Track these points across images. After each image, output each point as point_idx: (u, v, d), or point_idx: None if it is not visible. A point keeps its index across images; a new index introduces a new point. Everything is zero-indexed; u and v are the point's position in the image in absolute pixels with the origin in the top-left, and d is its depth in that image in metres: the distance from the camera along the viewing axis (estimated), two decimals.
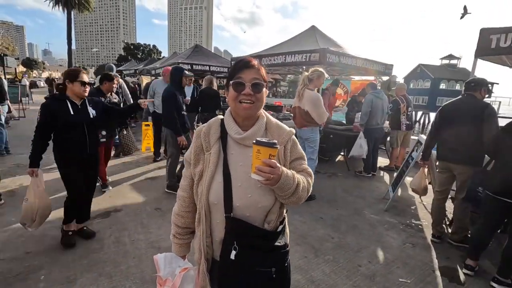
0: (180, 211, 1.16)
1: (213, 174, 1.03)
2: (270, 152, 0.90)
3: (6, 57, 12.95)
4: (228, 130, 1.08)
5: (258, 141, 0.91)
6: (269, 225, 1.04)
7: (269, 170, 0.90)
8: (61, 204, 3.46)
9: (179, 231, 1.17)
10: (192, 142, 1.12)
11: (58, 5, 32.95)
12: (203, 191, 1.02)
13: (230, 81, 1.04)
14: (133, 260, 2.48)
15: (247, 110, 1.03)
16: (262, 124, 1.09)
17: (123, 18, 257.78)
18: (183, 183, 1.15)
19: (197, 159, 1.08)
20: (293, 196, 1.02)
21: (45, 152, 2.57)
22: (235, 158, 1.05)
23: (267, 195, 1.03)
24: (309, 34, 7.06)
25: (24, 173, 4.48)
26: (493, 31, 3.30)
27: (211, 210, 1.04)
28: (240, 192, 1.01)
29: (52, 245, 2.65)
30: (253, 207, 1.02)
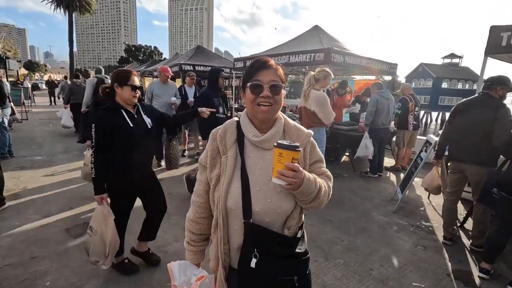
0: (195, 217, 1.12)
1: (230, 179, 0.99)
2: (293, 156, 0.87)
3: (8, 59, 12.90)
4: (245, 132, 1.04)
5: (280, 144, 0.88)
6: (289, 231, 1.01)
7: (292, 175, 0.87)
8: (64, 205, 3.43)
9: (194, 238, 1.13)
10: (208, 145, 1.08)
11: (59, 8, 33.07)
12: (221, 196, 0.98)
13: (247, 83, 1.01)
14: (140, 265, 2.43)
15: (266, 113, 1.00)
16: (280, 126, 1.06)
17: (124, 20, 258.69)
18: (198, 188, 1.11)
19: (213, 163, 1.04)
20: (315, 200, 0.99)
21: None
22: (253, 162, 1.02)
23: (287, 199, 1.00)
24: (313, 34, 7.00)
25: (27, 176, 4.45)
26: (503, 28, 3.24)
27: (228, 216, 1.00)
28: (259, 197, 0.98)
29: (57, 250, 2.61)
30: (273, 212, 0.98)
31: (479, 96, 2.82)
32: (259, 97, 0.98)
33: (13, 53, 36.35)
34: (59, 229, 2.96)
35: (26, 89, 13.03)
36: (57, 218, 3.20)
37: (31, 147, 6.31)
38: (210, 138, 1.08)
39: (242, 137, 1.05)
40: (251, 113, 1.04)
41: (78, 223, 3.10)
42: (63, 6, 32.79)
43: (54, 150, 6.14)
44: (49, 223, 3.07)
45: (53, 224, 3.07)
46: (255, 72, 1.00)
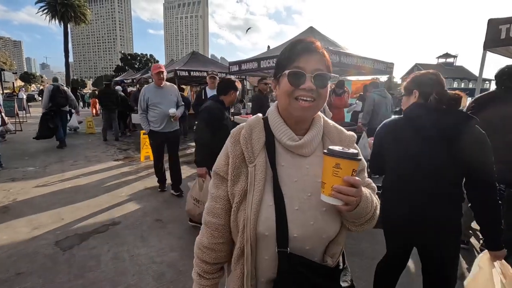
0: (211, 243, 0.86)
1: (261, 195, 0.76)
2: (353, 167, 0.69)
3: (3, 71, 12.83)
4: (277, 133, 0.82)
5: (336, 151, 0.69)
6: (333, 259, 0.81)
7: (354, 192, 0.68)
8: (56, 217, 3.29)
9: (208, 269, 0.88)
10: (227, 149, 0.83)
11: (54, 19, 33.19)
12: (249, 218, 0.75)
13: (284, 69, 0.78)
14: (132, 278, 2.30)
15: (305, 111, 0.77)
16: (320, 127, 0.85)
17: (120, 29, 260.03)
18: (215, 206, 0.85)
19: (237, 174, 0.79)
20: (369, 222, 0.81)
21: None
22: (288, 172, 0.80)
23: (334, 221, 0.79)
24: (307, 36, 6.95)
25: (18, 187, 4.32)
26: (502, 21, 3.16)
27: (258, 243, 0.77)
28: (298, 218, 0.76)
29: (46, 264, 2.47)
30: (316, 237, 0.77)
31: (500, 91, 2.51)
32: (299, 89, 0.76)
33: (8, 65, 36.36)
34: (48, 242, 2.82)
35: (21, 100, 12.91)
36: (47, 230, 3.06)
37: (23, 158, 6.17)
38: (230, 140, 0.84)
39: (272, 140, 0.82)
40: (285, 109, 0.81)
41: (69, 235, 2.96)
42: (58, 17, 32.97)
43: (48, 160, 6.00)
44: (38, 236, 2.93)
45: (43, 236, 2.93)
46: (297, 57, 0.77)
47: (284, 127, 0.81)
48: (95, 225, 3.20)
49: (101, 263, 2.50)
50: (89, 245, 2.78)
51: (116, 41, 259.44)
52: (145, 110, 3.83)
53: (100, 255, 2.61)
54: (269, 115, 0.85)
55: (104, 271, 2.39)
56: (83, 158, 6.31)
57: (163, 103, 3.81)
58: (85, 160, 6.09)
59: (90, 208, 3.63)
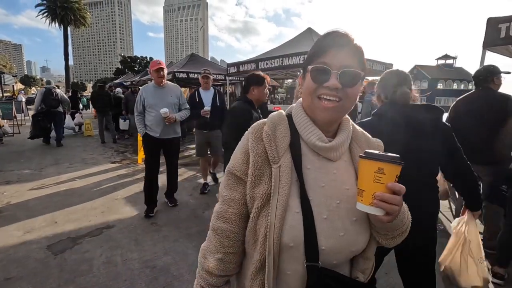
0: (219, 252, 0.76)
1: (287, 199, 0.67)
2: (396, 173, 0.62)
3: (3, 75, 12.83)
4: (304, 133, 0.74)
5: (378, 155, 0.62)
6: (364, 275, 0.75)
7: (397, 201, 0.61)
8: (49, 220, 3.23)
9: (214, 282, 0.78)
10: (247, 148, 0.74)
11: (54, 22, 33.32)
12: (273, 226, 0.66)
13: (309, 64, 0.72)
14: (124, 283, 2.23)
15: (328, 112, 0.70)
16: (349, 131, 0.77)
17: (120, 32, 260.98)
18: (227, 210, 0.76)
19: (259, 174, 0.70)
20: (402, 235, 0.75)
21: None
22: (314, 176, 0.72)
23: (364, 233, 0.72)
24: (306, 37, 6.94)
25: (12, 190, 4.26)
26: (501, 19, 3.11)
27: (281, 255, 0.68)
28: (326, 228, 0.68)
29: (36, 269, 2.40)
30: (346, 251, 0.70)
31: (478, 91, 2.64)
32: (322, 86, 0.69)
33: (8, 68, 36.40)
34: (40, 246, 2.75)
35: (19, 103, 12.88)
36: (40, 234, 3.00)
37: (19, 160, 6.11)
38: (251, 137, 0.74)
39: (297, 139, 0.74)
40: (309, 108, 0.74)
41: (62, 239, 2.90)
42: (58, 20, 33.10)
43: (44, 163, 5.95)
44: (30, 240, 2.87)
45: (35, 240, 2.87)
46: (324, 51, 0.70)
47: (313, 126, 0.73)
48: (89, 228, 3.14)
49: (93, 267, 2.43)
50: (82, 248, 2.72)
51: (116, 44, 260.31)
52: (142, 113, 3.39)
53: (92, 259, 2.55)
54: (294, 113, 0.77)
55: (95, 275, 2.32)
56: (80, 160, 6.26)
57: (160, 105, 3.28)
58: (82, 163, 6.04)
59: (85, 211, 3.57)
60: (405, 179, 0.73)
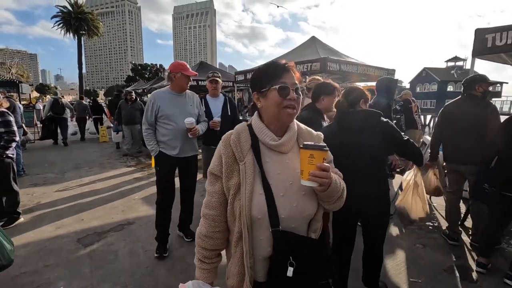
0: (209, 231, 1.03)
1: (252, 186, 0.95)
2: (323, 156, 0.88)
3: (21, 84, 13.54)
4: (261, 136, 1.01)
5: (310, 145, 0.89)
6: (315, 234, 1.01)
7: (325, 175, 0.87)
8: (76, 217, 3.61)
9: (208, 255, 1.05)
10: (220, 153, 1.02)
11: (69, 32, 34.61)
12: (244, 205, 0.93)
13: (271, 85, 0.97)
14: (146, 270, 2.56)
15: (291, 117, 0.98)
16: (294, 129, 1.05)
17: (130, 40, 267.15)
18: (211, 200, 1.03)
19: (230, 171, 0.98)
20: (339, 200, 1.00)
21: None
22: (272, 167, 0.99)
23: (312, 201, 0.99)
24: (310, 45, 7.24)
25: (40, 192, 4.67)
26: (488, 30, 3.37)
27: (253, 226, 0.95)
28: (284, 202, 0.95)
29: (69, 258, 2.76)
30: (299, 216, 0.97)
31: (463, 97, 2.90)
32: (286, 99, 0.95)
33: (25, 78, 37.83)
34: (71, 239, 3.12)
35: (39, 111, 13.57)
36: (69, 229, 3.37)
37: (43, 165, 6.59)
38: (222, 144, 1.02)
39: (256, 142, 1.01)
40: (274, 116, 0.99)
41: (89, 233, 3.25)
42: (72, 31, 34.31)
43: (65, 167, 6.40)
44: (61, 234, 3.24)
45: (66, 235, 3.23)
46: (279, 75, 0.97)
47: (267, 130, 1.01)
48: (112, 224, 3.49)
49: (119, 257, 2.77)
50: (107, 241, 3.07)
51: (127, 52, 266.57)
52: (153, 125, 2.69)
53: (117, 250, 2.89)
54: (253, 123, 1.05)
55: (121, 263, 2.66)
56: (98, 164, 6.69)
57: (180, 117, 2.64)
58: (100, 167, 6.46)
59: (107, 210, 3.94)
60: (354, 164, 1.47)
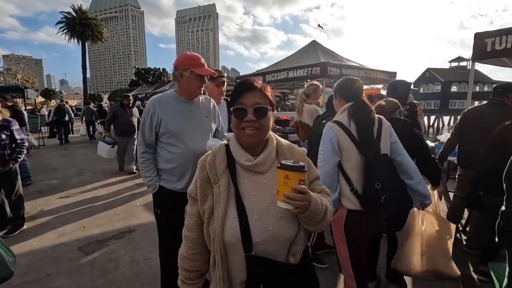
0: (188, 253, 1.02)
1: (225, 210, 0.92)
2: (299, 177, 0.82)
3: (26, 89, 13.72)
4: (236, 157, 0.98)
5: (285, 165, 0.83)
6: (295, 258, 0.96)
7: (301, 197, 0.82)
8: (78, 225, 3.64)
9: (189, 276, 1.03)
10: (196, 175, 1.00)
11: (73, 38, 35.05)
12: (216, 230, 0.90)
13: (231, 106, 0.96)
14: (147, 279, 2.57)
15: (251, 138, 0.94)
16: (272, 147, 1.00)
17: (134, 44, 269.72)
18: (189, 222, 1.02)
19: (204, 194, 0.96)
20: (322, 221, 0.93)
21: None
22: (248, 188, 0.96)
23: (290, 225, 0.94)
24: (310, 49, 7.26)
25: (44, 199, 4.72)
26: (487, 34, 3.35)
27: (227, 250, 0.92)
28: (258, 226, 0.91)
29: (71, 267, 2.77)
30: (275, 241, 0.92)
31: (490, 103, 2.74)
32: (243, 121, 0.93)
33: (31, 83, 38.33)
34: (72, 248, 3.14)
35: (43, 117, 13.73)
36: (71, 237, 3.39)
37: (47, 171, 6.66)
38: (198, 167, 1.00)
39: (233, 162, 0.98)
40: (238, 137, 0.99)
41: (90, 241, 3.28)
42: (76, 36, 34.73)
43: (68, 174, 6.46)
44: (63, 242, 3.27)
45: (67, 243, 3.26)
46: (239, 95, 0.95)
47: (241, 150, 0.97)
48: (113, 232, 3.51)
49: (119, 265, 2.79)
50: (108, 249, 3.09)
51: (130, 56, 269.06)
52: (153, 146, 1.91)
53: (118, 259, 2.90)
54: (230, 142, 1.02)
55: (121, 272, 2.68)
56: (100, 170, 6.74)
57: (192, 133, 1.88)
58: (103, 173, 6.51)
59: (108, 217, 3.97)
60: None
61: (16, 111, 6.18)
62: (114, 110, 6.23)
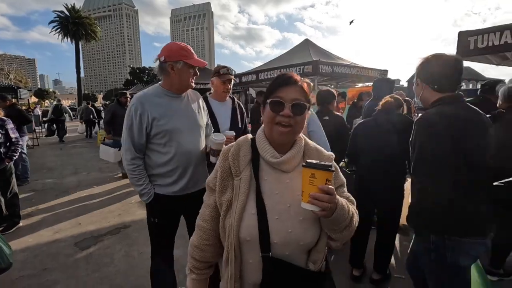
0: (199, 243, 0.99)
1: (244, 204, 0.87)
2: (327, 177, 0.77)
3: (19, 89, 13.64)
4: (262, 151, 0.93)
5: (312, 163, 0.78)
6: (315, 265, 0.90)
7: (328, 199, 0.76)
8: (73, 222, 3.69)
9: (197, 265, 1.01)
10: (217, 165, 0.97)
11: (66, 37, 34.75)
12: (233, 225, 0.86)
13: (267, 98, 0.91)
14: (141, 271, 2.64)
15: (284, 135, 0.89)
16: (300, 146, 0.96)
17: (128, 43, 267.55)
18: (205, 212, 0.99)
19: (224, 186, 0.92)
20: (346, 229, 0.88)
21: None
22: (270, 185, 0.91)
23: (311, 229, 0.88)
24: (303, 48, 7.35)
25: (39, 197, 4.76)
26: (470, 33, 3.47)
27: (242, 248, 0.88)
28: (278, 226, 0.86)
29: (67, 262, 2.84)
30: (294, 244, 0.86)
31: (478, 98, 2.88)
32: (279, 115, 0.87)
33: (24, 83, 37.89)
34: (68, 244, 3.20)
35: (37, 117, 13.68)
36: (67, 233, 3.45)
37: (42, 171, 6.68)
38: (221, 157, 0.97)
39: (257, 157, 0.94)
40: (268, 132, 0.93)
41: (86, 237, 3.34)
42: (70, 35, 34.44)
43: (64, 173, 6.49)
44: (59, 238, 3.33)
45: (63, 239, 3.32)
46: (277, 88, 0.90)
47: (268, 146, 0.92)
48: (109, 228, 3.58)
49: (115, 259, 2.86)
50: (104, 245, 3.16)
51: (125, 55, 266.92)
52: (142, 151, 1.74)
53: (113, 253, 2.98)
54: (257, 136, 0.98)
55: (117, 265, 2.75)
56: (96, 169, 6.78)
57: (186, 131, 1.77)
58: (99, 171, 6.55)
59: (104, 214, 4.03)
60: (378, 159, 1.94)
61: (18, 110, 6.14)
62: (112, 110, 5.71)
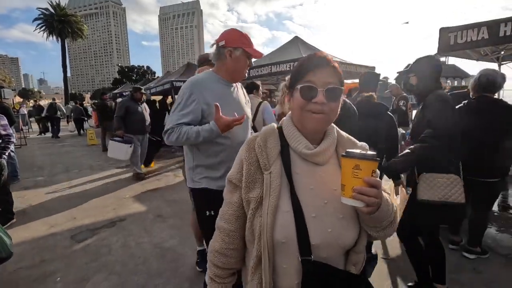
0: (222, 248, 0.88)
1: (277, 201, 0.77)
2: (373, 168, 0.69)
3: (3, 89, 13.35)
4: (292, 142, 0.84)
5: (355, 153, 0.70)
6: (356, 268, 0.82)
7: (375, 193, 0.68)
8: (68, 217, 3.73)
9: (219, 273, 0.90)
10: (242, 157, 0.85)
11: (52, 35, 33.95)
12: (265, 225, 0.76)
13: (296, 84, 0.81)
14: (139, 259, 2.73)
15: (317, 124, 0.80)
16: (334, 136, 0.86)
17: (116, 42, 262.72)
18: (227, 212, 0.88)
19: (252, 181, 0.81)
20: (389, 227, 0.81)
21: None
22: (303, 180, 0.81)
23: (352, 228, 0.80)
24: (292, 44, 7.49)
25: (31, 194, 4.74)
26: (450, 29, 3.66)
27: (275, 251, 0.78)
28: (316, 225, 0.77)
29: (64, 253, 2.89)
30: (334, 245, 0.77)
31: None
32: (311, 102, 0.78)
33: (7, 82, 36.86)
34: (64, 237, 3.24)
35: (24, 116, 13.42)
36: (63, 227, 3.48)
37: (32, 169, 6.61)
38: (245, 148, 0.86)
39: (286, 148, 0.84)
40: (298, 120, 0.83)
41: (82, 230, 3.39)
42: (55, 34, 33.67)
43: (54, 171, 6.44)
44: (55, 232, 3.36)
45: (59, 232, 3.35)
46: (309, 71, 0.79)
47: (300, 136, 0.83)
48: (104, 221, 3.63)
49: (112, 249, 2.93)
50: (101, 237, 3.21)
51: (113, 54, 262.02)
52: (197, 144, 1.64)
53: (110, 244, 3.04)
54: (284, 125, 0.87)
55: (114, 255, 2.82)
56: (87, 167, 6.76)
57: (242, 125, 1.65)
58: (90, 169, 6.53)
59: (99, 209, 4.06)
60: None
61: (5, 108, 6.05)
62: (126, 105, 5.32)
